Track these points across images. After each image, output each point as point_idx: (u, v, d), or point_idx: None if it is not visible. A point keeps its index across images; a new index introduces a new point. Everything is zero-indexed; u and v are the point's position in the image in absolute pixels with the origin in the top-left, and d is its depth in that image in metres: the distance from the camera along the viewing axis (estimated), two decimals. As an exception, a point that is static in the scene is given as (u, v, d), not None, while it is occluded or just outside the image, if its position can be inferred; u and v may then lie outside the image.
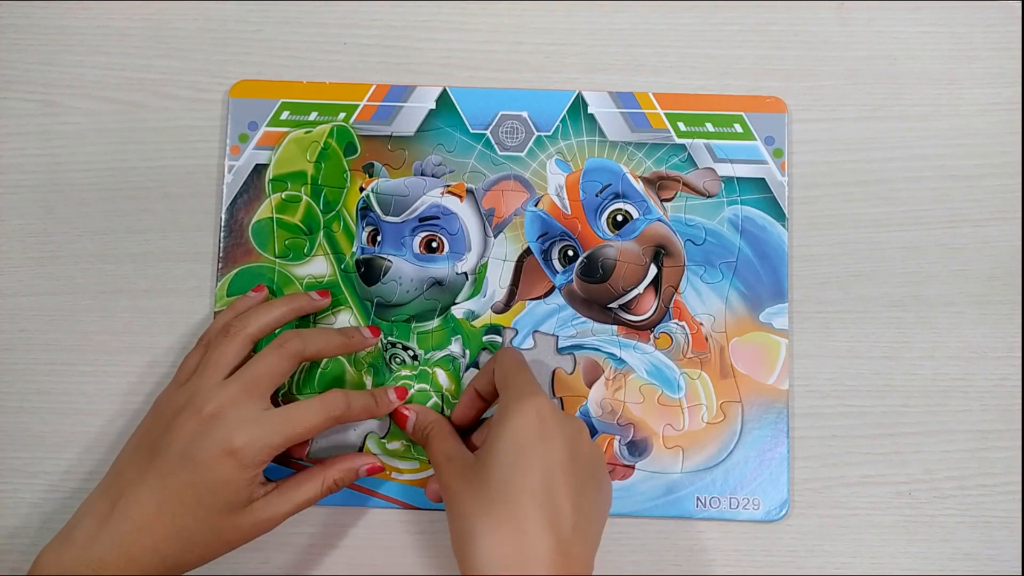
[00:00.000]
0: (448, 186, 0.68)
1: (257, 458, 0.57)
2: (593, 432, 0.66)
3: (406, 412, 0.64)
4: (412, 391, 0.66)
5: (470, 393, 0.64)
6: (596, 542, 0.56)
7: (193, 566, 0.57)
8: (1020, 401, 0.67)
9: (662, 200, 0.68)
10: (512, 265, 0.67)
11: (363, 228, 0.68)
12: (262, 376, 0.59)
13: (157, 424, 0.59)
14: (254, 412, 0.58)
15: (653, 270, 0.67)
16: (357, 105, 0.69)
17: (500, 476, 0.54)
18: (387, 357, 0.67)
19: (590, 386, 0.66)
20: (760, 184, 0.68)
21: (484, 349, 0.67)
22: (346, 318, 0.67)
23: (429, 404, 0.66)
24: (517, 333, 0.67)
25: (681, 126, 0.68)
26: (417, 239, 0.67)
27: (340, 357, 0.66)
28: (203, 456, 0.57)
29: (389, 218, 0.68)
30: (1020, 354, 0.67)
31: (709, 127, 0.68)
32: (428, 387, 0.66)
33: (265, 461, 0.58)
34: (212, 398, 0.58)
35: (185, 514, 0.56)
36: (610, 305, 0.67)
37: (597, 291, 0.67)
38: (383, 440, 0.66)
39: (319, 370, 0.66)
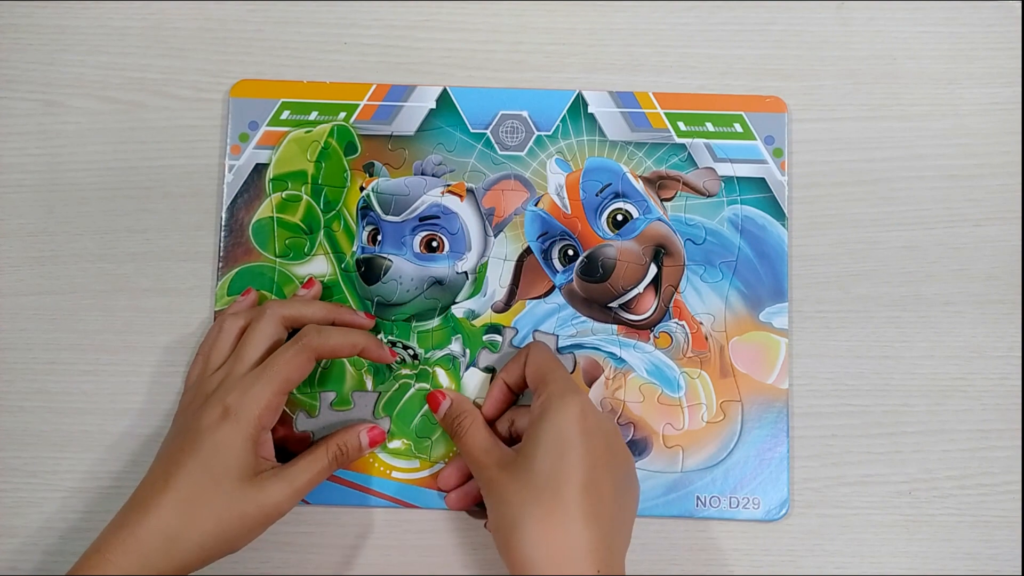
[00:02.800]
0: (448, 185, 0.68)
1: (249, 413, 0.58)
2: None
3: (441, 397, 0.64)
4: (412, 390, 0.66)
5: (499, 386, 0.64)
6: (629, 536, 0.59)
7: (206, 548, 0.57)
8: (1020, 401, 0.67)
9: (662, 200, 0.68)
10: (512, 264, 0.67)
11: (363, 227, 0.68)
12: (280, 369, 0.60)
13: (175, 422, 0.62)
14: (243, 375, 0.60)
15: (653, 269, 0.67)
16: (357, 105, 0.69)
17: (547, 468, 0.56)
18: (387, 356, 0.67)
19: (590, 385, 0.66)
20: (760, 184, 0.68)
21: (484, 348, 0.67)
22: (346, 317, 0.67)
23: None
24: (517, 332, 0.67)
25: (681, 126, 0.68)
26: (417, 238, 0.67)
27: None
28: (203, 424, 0.58)
29: (389, 217, 0.68)
30: (1020, 354, 0.67)
31: (709, 127, 0.68)
32: (428, 386, 0.66)
33: (259, 418, 0.58)
34: (213, 379, 0.61)
35: (190, 484, 0.57)
36: (610, 304, 0.67)
37: (597, 290, 0.67)
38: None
39: (319, 368, 0.66)
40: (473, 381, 0.66)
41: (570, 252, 0.67)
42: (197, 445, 0.57)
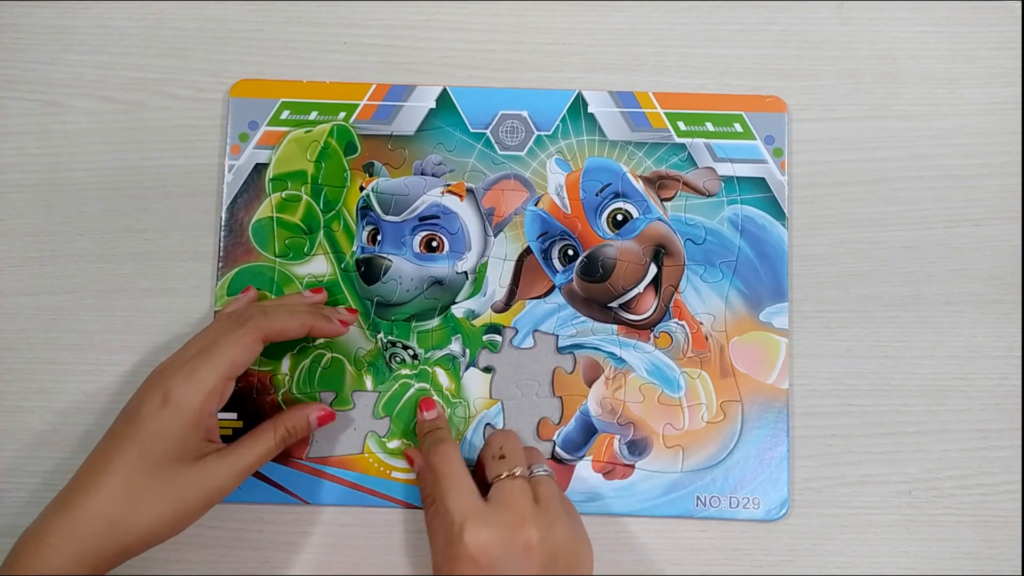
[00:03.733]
0: (448, 185, 0.68)
1: (191, 400, 0.57)
2: (593, 431, 0.66)
3: (432, 405, 0.65)
4: (412, 390, 0.66)
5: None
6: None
7: (149, 532, 0.56)
8: (1020, 400, 0.67)
9: (662, 199, 0.68)
10: (512, 264, 0.67)
11: (363, 227, 0.68)
12: (225, 352, 0.58)
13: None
14: (185, 362, 0.58)
15: (653, 269, 0.67)
16: (357, 104, 0.69)
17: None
18: (387, 356, 0.67)
19: (590, 385, 0.66)
20: (760, 183, 0.68)
21: (484, 348, 0.67)
22: (346, 317, 0.67)
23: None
24: (517, 332, 0.67)
25: (681, 125, 0.68)
26: (417, 238, 0.67)
27: (340, 357, 0.66)
28: (144, 411, 0.57)
29: (389, 217, 0.68)
30: (1020, 353, 0.67)
31: (709, 126, 0.68)
32: (428, 386, 0.66)
33: (203, 404, 0.57)
34: (176, 372, 0.59)
35: (130, 469, 0.56)
36: (610, 304, 0.67)
37: (597, 290, 0.67)
38: (383, 439, 0.66)
39: (320, 369, 0.66)
40: (473, 381, 0.66)
41: (570, 252, 0.67)
42: (138, 432, 0.56)
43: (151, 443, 0.56)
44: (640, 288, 0.67)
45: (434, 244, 0.67)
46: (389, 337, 0.67)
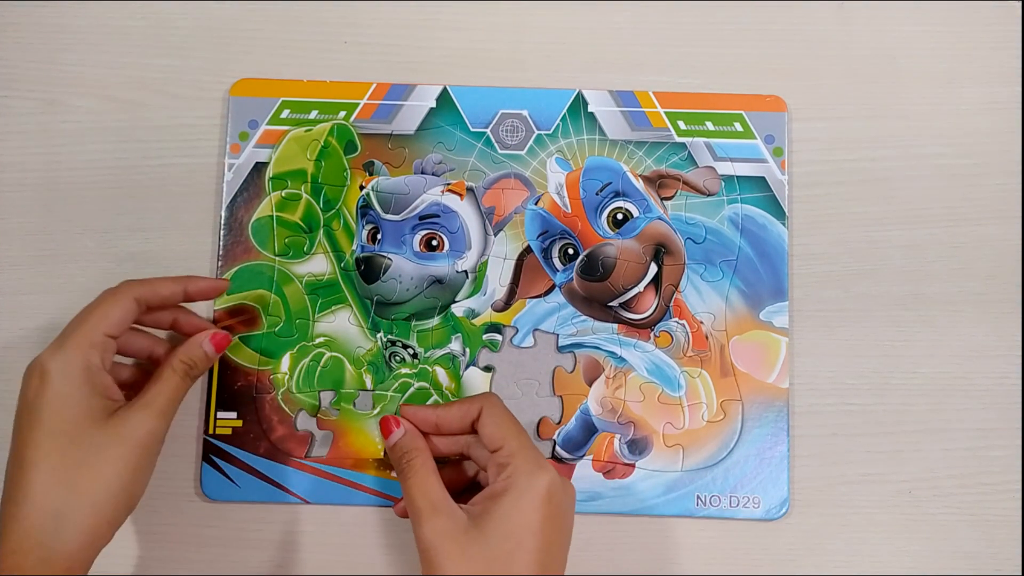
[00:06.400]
0: (448, 184, 0.68)
1: (69, 360, 0.56)
2: (593, 431, 0.66)
3: (394, 425, 0.60)
4: (412, 389, 0.66)
5: (429, 420, 0.60)
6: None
7: (102, 508, 0.55)
8: (1020, 400, 0.67)
9: (662, 198, 0.68)
10: (512, 263, 0.67)
11: (363, 226, 0.68)
12: (91, 308, 0.58)
13: None
14: (60, 335, 0.57)
15: (653, 268, 0.67)
16: (357, 103, 0.69)
17: (504, 552, 0.54)
18: (387, 355, 0.67)
19: (590, 384, 0.66)
20: (760, 183, 0.68)
21: (484, 347, 0.67)
22: (345, 316, 0.67)
23: (429, 403, 0.66)
24: (517, 331, 0.67)
25: (681, 125, 0.68)
26: (417, 237, 0.67)
27: (339, 356, 0.66)
28: (30, 394, 0.56)
29: (389, 216, 0.68)
30: (1020, 353, 0.67)
31: (709, 126, 0.68)
32: (428, 385, 0.66)
33: (83, 362, 0.56)
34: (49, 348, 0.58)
35: (44, 453, 0.54)
36: (610, 303, 0.67)
37: (597, 289, 0.67)
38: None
39: (319, 368, 0.66)
40: (473, 380, 0.66)
41: (570, 251, 0.67)
42: (32, 416, 0.55)
43: (51, 419, 0.55)
44: (640, 287, 0.67)
45: (434, 243, 0.67)
46: (389, 336, 0.67)
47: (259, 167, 0.68)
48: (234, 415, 0.66)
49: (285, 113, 0.68)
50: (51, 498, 0.54)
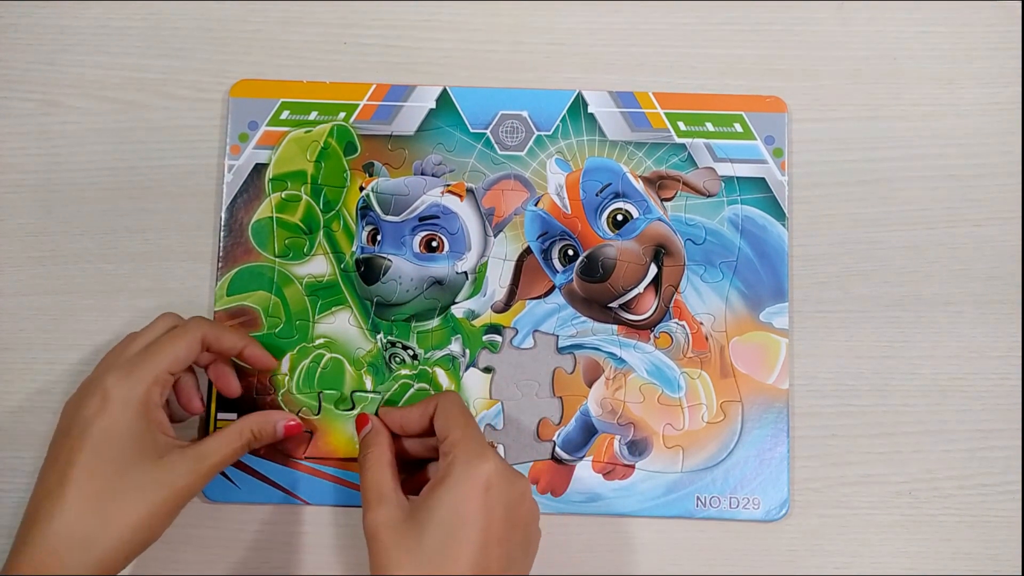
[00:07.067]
0: (448, 185, 0.68)
1: (133, 393, 0.56)
2: (593, 432, 0.66)
3: (364, 421, 0.62)
4: (412, 390, 0.66)
5: (395, 422, 0.62)
6: None
7: (125, 539, 0.55)
8: (1020, 401, 0.67)
9: (662, 199, 0.68)
10: (512, 264, 0.67)
11: (363, 227, 0.68)
12: (165, 345, 0.58)
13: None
14: (121, 361, 0.58)
15: (653, 269, 0.67)
16: (357, 104, 0.69)
17: (436, 542, 0.54)
18: (387, 357, 0.67)
19: (590, 385, 0.66)
20: (760, 184, 0.68)
21: (484, 348, 0.67)
22: (345, 317, 0.67)
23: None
24: (517, 332, 0.67)
25: (681, 126, 0.68)
26: (417, 238, 0.67)
27: (339, 357, 0.66)
28: (87, 414, 0.56)
29: (389, 217, 0.68)
30: (1020, 354, 0.67)
31: (709, 127, 0.68)
32: (428, 386, 0.66)
33: (145, 397, 0.56)
34: (114, 371, 0.58)
35: (88, 475, 0.54)
36: (610, 304, 0.67)
37: (597, 290, 0.67)
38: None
39: (320, 369, 0.66)
40: (473, 381, 0.66)
41: (570, 252, 0.67)
42: (85, 435, 0.55)
43: (104, 446, 0.55)
44: (640, 288, 0.67)
45: (434, 244, 0.67)
46: (389, 337, 0.67)
47: (259, 168, 0.68)
48: (234, 416, 0.65)
49: (285, 114, 0.68)
50: (84, 524, 0.54)
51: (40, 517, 0.54)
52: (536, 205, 0.68)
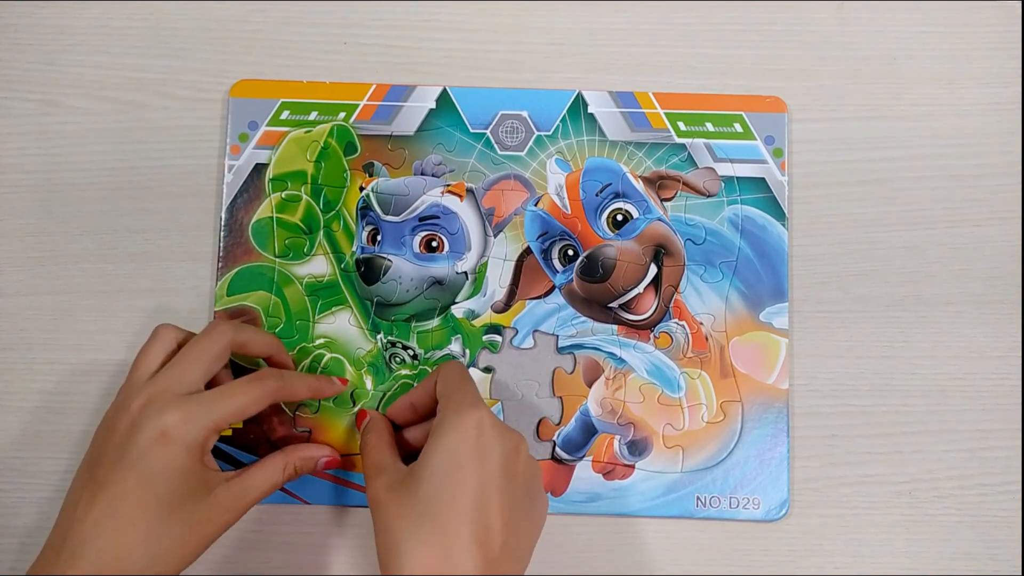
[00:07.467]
0: (448, 185, 0.68)
1: (194, 437, 0.55)
2: (593, 432, 0.66)
3: (363, 416, 0.64)
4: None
5: (404, 405, 0.63)
6: (527, 559, 0.56)
7: (153, 565, 0.54)
8: (1020, 401, 0.67)
9: (662, 200, 0.68)
10: (512, 264, 0.67)
11: (363, 227, 0.68)
12: (234, 400, 0.57)
13: (95, 438, 0.58)
14: (182, 396, 0.56)
15: (653, 269, 0.67)
16: (357, 105, 0.69)
17: (431, 491, 0.53)
18: (387, 357, 0.67)
19: (590, 385, 0.66)
20: (760, 184, 0.68)
21: (484, 348, 0.67)
22: (345, 317, 0.67)
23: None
24: (517, 332, 0.67)
25: (681, 126, 0.68)
26: (417, 238, 0.67)
27: (340, 357, 0.66)
28: (140, 446, 0.54)
29: (389, 217, 0.68)
30: (1020, 354, 0.67)
31: (709, 127, 0.68)
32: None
33: (204, 441, 0.56)
34: (140, 392, 0.57)
35: (145, 518, 0.54)
36: (610, 304, 0.67)
37: (597, 290, 0.67)
38: (383, 440, 0.66)
39: (320, 369, 0.66)
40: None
41: (570, 252, 0.67)
42: (145, 473, 0.54)
43: (162, 486, 0.54)
44: (640, 288, 0.67)
45: (434, 244, 0.67)
46: (389, 337, 0.67)
47: (259, 168, 0.68)
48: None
49: (285, 114, 0.68)
50: (134, 560, 0.53)
51: (85, 551, 0.53)
52: (536, 205, 0.68)
